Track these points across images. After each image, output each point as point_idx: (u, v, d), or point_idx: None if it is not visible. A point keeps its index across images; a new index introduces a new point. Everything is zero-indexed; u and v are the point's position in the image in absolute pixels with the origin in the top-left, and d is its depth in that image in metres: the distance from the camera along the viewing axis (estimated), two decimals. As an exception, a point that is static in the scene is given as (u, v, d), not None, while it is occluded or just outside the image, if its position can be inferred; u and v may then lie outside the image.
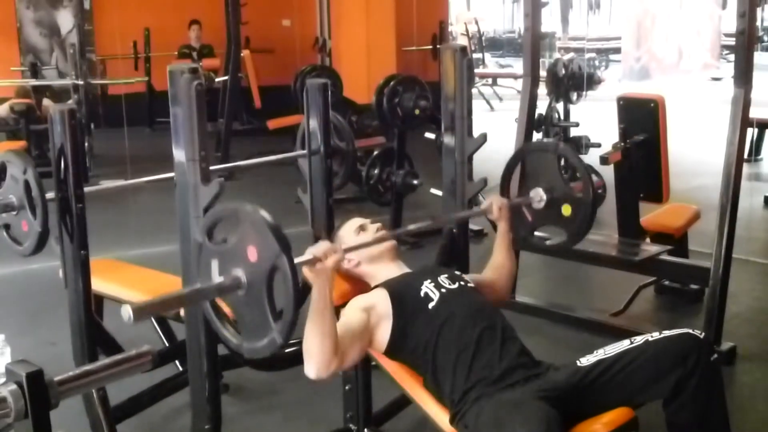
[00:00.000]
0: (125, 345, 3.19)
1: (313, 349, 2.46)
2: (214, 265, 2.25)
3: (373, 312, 2.70)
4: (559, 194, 3.14)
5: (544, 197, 3.16)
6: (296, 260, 2.18)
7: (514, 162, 3.34)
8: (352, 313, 2.69)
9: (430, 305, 2.70)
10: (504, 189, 3.31)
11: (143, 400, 3.50)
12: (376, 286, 2.85)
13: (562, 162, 3.22)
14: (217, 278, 2.22)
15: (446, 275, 2.83)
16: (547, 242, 4.68)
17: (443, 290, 2.75)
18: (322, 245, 2.47)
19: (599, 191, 5.56)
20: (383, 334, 2.70)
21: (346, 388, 3.18)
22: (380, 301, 2.73)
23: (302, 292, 2.16)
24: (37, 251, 2.99)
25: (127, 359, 1.79)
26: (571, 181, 3.18)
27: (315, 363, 2.47)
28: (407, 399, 2.84)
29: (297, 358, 3.53)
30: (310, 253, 2.42)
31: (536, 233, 3.35)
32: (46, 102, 9.14)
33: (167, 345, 3.72)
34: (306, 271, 2.42)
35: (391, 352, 2.72)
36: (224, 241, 2.25)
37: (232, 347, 2.36)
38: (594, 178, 3.29)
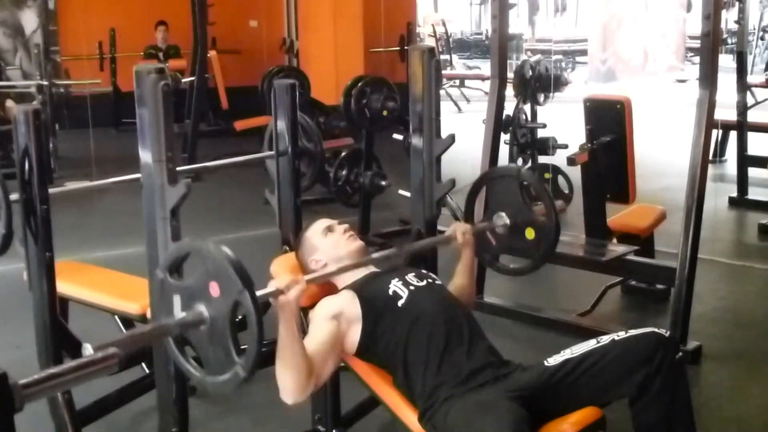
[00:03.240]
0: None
1: (286, 382, 2.48)
2: (177, 300, 2.25)
3: (343, 318, 2.69)
4: (522, 218, 3.17)
5: (508, 221, 3.19)
6: (259, 293, 2.17)
7: (477, 187, 3.36)
8: (322, 325, 2.67)
9: (400, 303, 2.71)
10: (468, 214, 3.34)
11: (109, 403, 3.48)
12: (344, 288, 2.84)
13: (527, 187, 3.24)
14: (179, 314, 2.22)
15: (414, 273, 2.84)
16: (511, 265, 4.71)
17: (411, 287, 2.75)
18: (284, 278, 2.45)
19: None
20: (353, 337, 2.70)
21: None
22: (349, 305, 2.72)
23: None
24: (0, 253, 2.97)
25: (93, 362, 1.78)
26: (533, 202, 3.21)
27: (290, 393, 2.49)
28: (376, 400, 2.84)
29: (266, 360, 3.54)
30: (272, 285, 2.40)
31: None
32: (10, 103, 9.05)
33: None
34: (272, 301, 2.41)
35: (362, 353, 2.72)
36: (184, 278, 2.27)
37: (195, 382, 2.38)
38: (557, 202, 3.31)
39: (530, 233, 3.15)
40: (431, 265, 3.25)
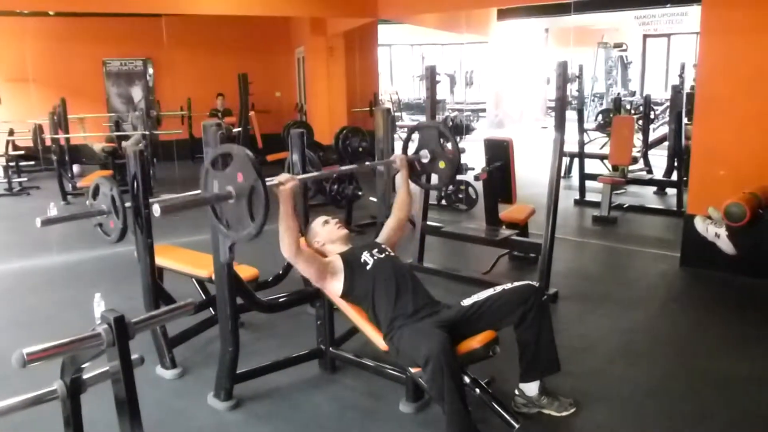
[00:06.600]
0: (177, 298, 3.14)
1: (284, 240, 2.52)
2: (215, 183, 2.32)
3: (331, 264, 2.73)
4: (437, 154, 3.17)
5: (429, 155, 3.19)
6: (267, 182, 2.25)
7: (411, 132, 3.33)
8: (321, 256, 2.76)
9: (367, 267, 2.71)
10: (404, 150, 3.31)
11: (189, 333, 3.46)
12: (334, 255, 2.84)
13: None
14: (216, 191, 2.31)
15: (377, 249, 2.83)
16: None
17: (375, 258, 2.75)
18: (284, 175, 2.51)
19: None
20: (338, 283, 2.70)
21: (318, 323, 3.16)
22: (336, 261, 2.75)
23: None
24: (120, 240, 2.95)
25: (178, 307, 1.77)
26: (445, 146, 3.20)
27: (286, 248, 2.53)
28: (356, 329, 2.84)
29: (287, 305, 3.53)
30: (275, 179, 2.47)
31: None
32: (125, 144, 8.96)
33: (204, 298, 3.67)
34: (274, 190, 2.47)
35: (345, 296, 2.72)
36: (223, 168, 2.32)
37: (223, 234, 2.42)
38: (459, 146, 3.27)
39: (442, 164, 3.16)
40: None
